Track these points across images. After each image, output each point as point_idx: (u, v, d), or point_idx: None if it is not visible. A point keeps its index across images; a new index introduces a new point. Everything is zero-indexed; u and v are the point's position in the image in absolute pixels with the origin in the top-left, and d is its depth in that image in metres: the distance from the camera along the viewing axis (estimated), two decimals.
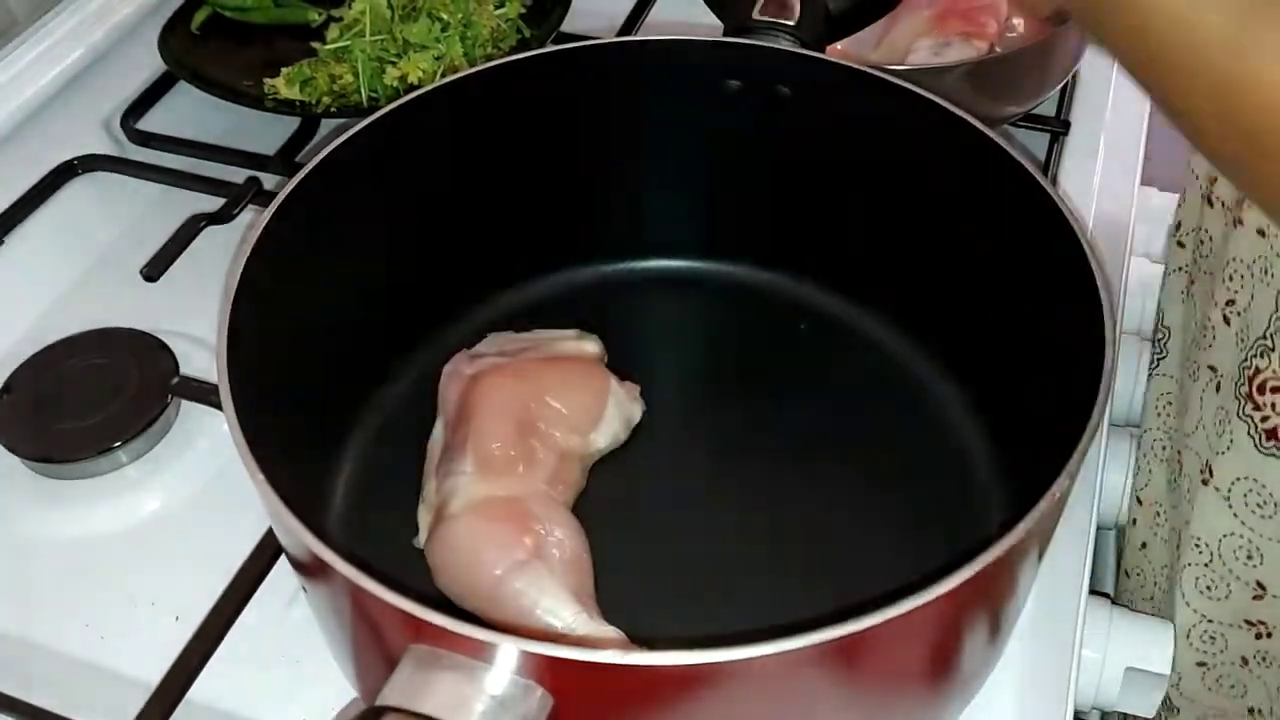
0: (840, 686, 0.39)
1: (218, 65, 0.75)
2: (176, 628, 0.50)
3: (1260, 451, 0.51)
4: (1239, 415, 0.52)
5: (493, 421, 0.50)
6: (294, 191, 0.48)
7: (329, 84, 0.72)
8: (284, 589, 0.51)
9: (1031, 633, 0.51)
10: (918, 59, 0.70)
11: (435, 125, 0.54)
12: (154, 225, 0.68)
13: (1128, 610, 0.57)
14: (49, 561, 0.55)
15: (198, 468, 0.57)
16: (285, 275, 0.48)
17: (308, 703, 0.48)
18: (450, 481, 0.49)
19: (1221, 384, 0.53)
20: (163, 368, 0.59)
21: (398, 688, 0.34)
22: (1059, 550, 0.52)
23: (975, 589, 0.37)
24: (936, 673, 0.43)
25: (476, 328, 0.60)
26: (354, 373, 0.56)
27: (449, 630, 0.34)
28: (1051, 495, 0.38)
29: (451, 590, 0.47)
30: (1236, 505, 0.53)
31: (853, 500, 0.53)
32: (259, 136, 0.73)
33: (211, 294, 0.44)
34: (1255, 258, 0.51)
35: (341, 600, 0.39)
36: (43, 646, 0.51)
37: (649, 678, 0.34)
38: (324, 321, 0.52)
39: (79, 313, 0.64)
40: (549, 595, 0.44)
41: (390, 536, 0.51)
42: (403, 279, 0.57)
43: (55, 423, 0.57)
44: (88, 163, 0.71)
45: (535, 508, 0.48)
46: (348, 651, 0.43)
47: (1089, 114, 0.76)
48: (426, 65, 0.71)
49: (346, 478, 0.54)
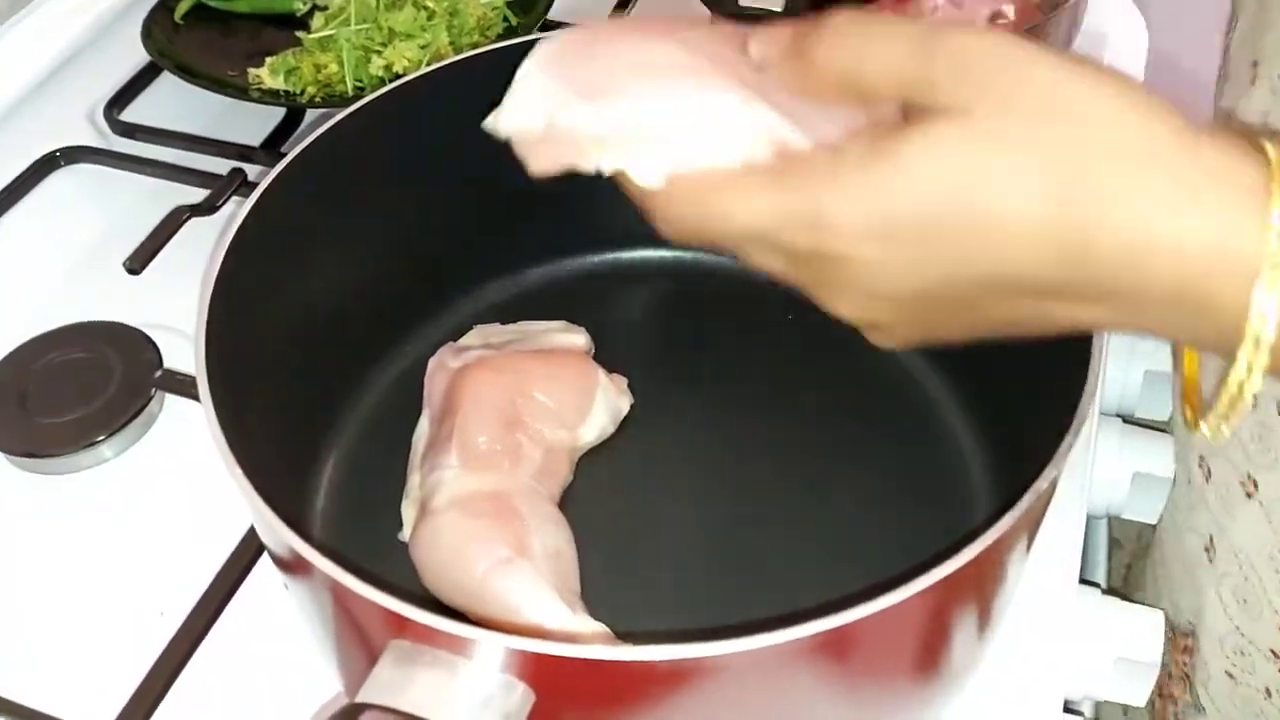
0: (828, 680, 0.38)
1: (202, 55, 0.75)
2: (161, 622, 0.50)
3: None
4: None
5: (478, 415, 0.50)
6: (274, 183, 0.48)
7: (314, 74, 0.71)
8: (268, 583, 0.51)
9: (1022, 622, 0.50)
10: None
11: (421, 114, 0.54)
12: (138, 217, 0.67)
13: (1118, 599, 0.57)
14: (30, 555, 0.54)
15: (182, 462, 0.57)
16: (267, 267, 0.47)
17: (291, 698, 0.48)
18: (435, 476, 0.49)
19: (1259, 399, 0.50)
20: (146, 361, 0.59)
21: (378, 684, 0.33)
22: (1049, 540, 0.52)
23: (964, 580, 0.36)
24: (926, 664, 0.42)
25: (462, 320, 0.59)
26: (338, 366, 0.55)
27: (430, 626, 0.33)
28: (1039, 486, 0.37)
29: (436, 587, 0.47)
30: (1276, 523, 0.51)
31: (841, 492, 0.53)
32: (244, 127, 0.72)
33: (196, 286, 0.44)
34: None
35: (323, 597, 0.38)
36: (24, 641, 0.51)
37: (633, 673, 0.34)
38: (307, 314, 0.52)
39: (62, 306, 0.64)
40: (532, 592, 0.44)
41: (375, 531, 0.51)
42: (388, 270, 0.56)
43: (38, 416, 0.57)
44: (71, 154, 0.71)
45: (520, 503, 0.48)
46: (330, 648, 0.43)
47: None
48: (412, 54, 0.71)
49: (330, 472, 0.54)
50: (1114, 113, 0.30)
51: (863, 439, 0.55)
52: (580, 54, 0.38)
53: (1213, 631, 0.57)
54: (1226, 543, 0.55)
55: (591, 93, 0.36)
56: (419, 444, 0.52)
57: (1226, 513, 0.55)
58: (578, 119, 0.35)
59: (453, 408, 0.51)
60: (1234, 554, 0.54)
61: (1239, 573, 0.54)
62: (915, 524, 0.50)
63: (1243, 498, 0.53)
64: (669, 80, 0.36)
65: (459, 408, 0.50)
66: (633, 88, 0.36)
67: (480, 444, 0.49)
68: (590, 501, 0.52)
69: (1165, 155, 0.30)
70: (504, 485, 0.48)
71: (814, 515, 0.52)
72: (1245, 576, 0.54)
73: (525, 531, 0.47)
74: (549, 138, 0.36)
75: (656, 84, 0.36)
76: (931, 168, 0.31)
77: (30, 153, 0.70)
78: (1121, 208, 0.30)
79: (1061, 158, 0.30)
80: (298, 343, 0.51)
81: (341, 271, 0.53)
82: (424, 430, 0.53)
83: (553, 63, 0.38)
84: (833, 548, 0.50)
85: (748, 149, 0.34)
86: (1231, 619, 0.55)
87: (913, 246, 0.32)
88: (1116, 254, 0.30)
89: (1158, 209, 0.29)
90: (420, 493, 0.49)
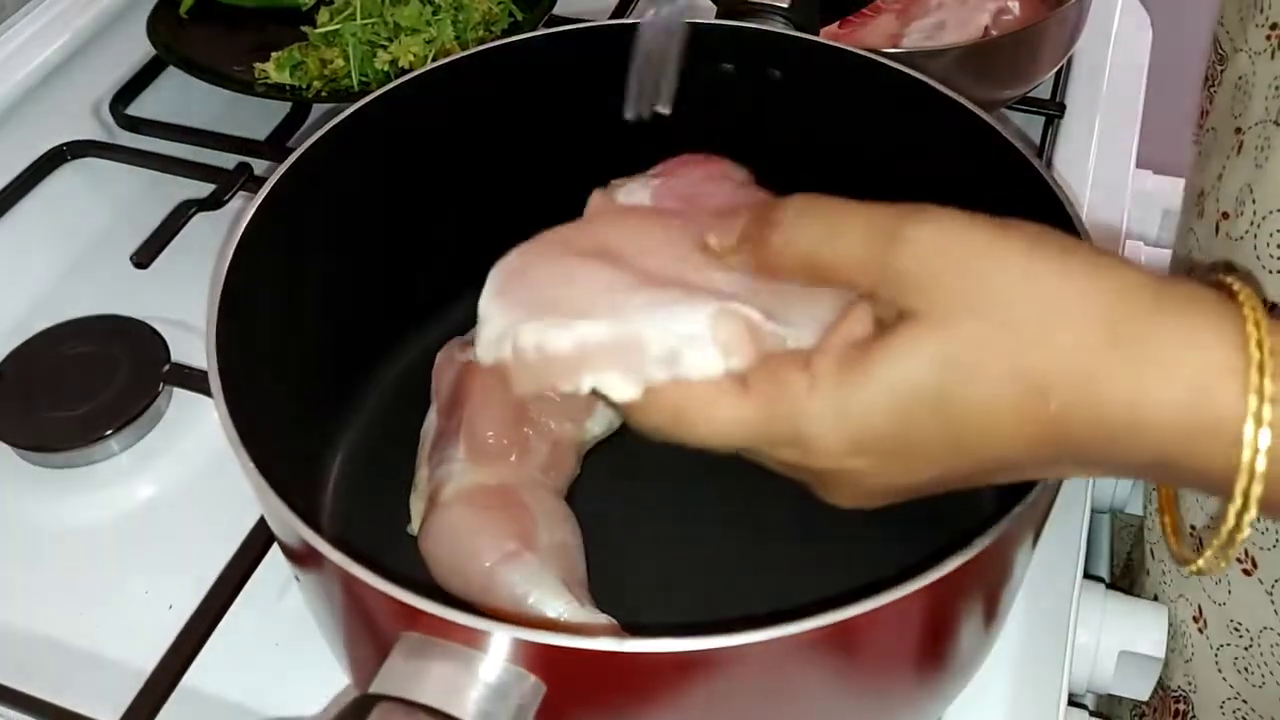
0: (834, 673, 0.39)
1: (207, 50, 0.75)
2: (169, 616, 0.50)
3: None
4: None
5: (485, 409, 0.50)
6: (283, 178, 0.48)
7: (320, 68, 0.71)
8: (277, 576, 0.51)
9: (1026, 617, 0.51)
10: (912, 42, 0.69)
11: (427, 109, 0.54)
12: (144, 212, 0.67)
13: (1122, 594, 0.57)
14: (40, 550, 0.54)
15: (190, 455, 0.57)
16: (276, 262, 0.48)
17: (301, 691, 0.48)
18: (443, 469, 0.49)
19: None
20: (154, 355, 0.59)
21: (390, 676, 0.34)
22: (1054, 535, 0.52)
23: (970, 575, 0.37)
24: (931, 658, 0.43)
25: (470, 313, 0.59)
26: (346, 359, 0.55)
27: (441, 618, 0.34)
28: (1044, 481, 0.38)
29: (444, 580, 0.47)
30: (1278, 603, 0.51)
31: None
32: (250, 122, 0.72)
33: (202, 281, 0.44)
34: None
35: (333, 588, 0.38)
36: (35, 635, 0.51)
37: (641, 665, 0.34)
38: (316, 308, 0.52)
39: (69, 300, 0.64)
40: (540, 586, 0.44)
41: (383, 523, 0.51)
42: (396, 263, 0.56)
43: (46, 411, 0.57)
44: (77, 149, 0.71)
45: (527, 496, 0.48)
46: (340, 639, 0.43)
47: (1084, 97, 0.76)
48: (418, 49, 0.71)
49: (340, 464, 0.54)
50: (1079, 296, 0.30)
51: None
52: (536, 270, 0.38)
53: (1212, 698, 0.57)
54: (1226, 616, 0.54)
55: (558, 313, 0.36)
56: (427, 437, 0.52)
57: (1220, 586, 0.54)
58: (548, 341, 0.35)
59: (461, 401, 0.51)
60: (1234, 628, 0.54)
61: (1240, 644, 0.54)
62: (922, 518, 0.50)
63: (1241, 574, 0.53)
64: (637, 296, 0.36)
65: (467, 401, 0.50)
66: (601, 305, 0.36)
67: (488, 437, 0.49)
68: (598, 494, 0.52)
69: (1134, 334, 0.30)
70: (511, 478, 0.49)
71: (820, 509, 0.52)
72: (1247, 646, 0.54)
73: (532, 524, 0.47)
74: (524, 362, 0.36)
75: (626, 300, 0.36)
76: (907, 382, 0.31)
77: (36, 147, 0.70)
78: (1095, 393, 0.30)
79: (1031, 354, 0.30)
80: (306, 336, 0.51)
81: (350, 265, 0.53)
82: (432, 423, 0.53)
83: (511, 288, 0.38)
84: (841, 542, 0.50)
85: (722, 355, 0.34)
86: (1233, 686, 0.55)
87: (900, 458, 0.33)
88: (1094, 436, 0.30)
89: (1130, 390, 0.29)
90: (428, 486, 0.50)
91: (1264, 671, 0.54)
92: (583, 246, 0.39)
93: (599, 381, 0.35)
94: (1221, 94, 0.53)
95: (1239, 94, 0.50)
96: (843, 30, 0.71)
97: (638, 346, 0.34)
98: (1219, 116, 0.53)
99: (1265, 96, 0.48)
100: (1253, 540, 0.52)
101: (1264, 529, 0.51)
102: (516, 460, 0.49)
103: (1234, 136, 0.50)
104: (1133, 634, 0.55)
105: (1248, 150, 0.49)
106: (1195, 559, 0.33)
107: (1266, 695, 0.54)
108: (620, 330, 0.35)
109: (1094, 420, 0.30)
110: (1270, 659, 0.53)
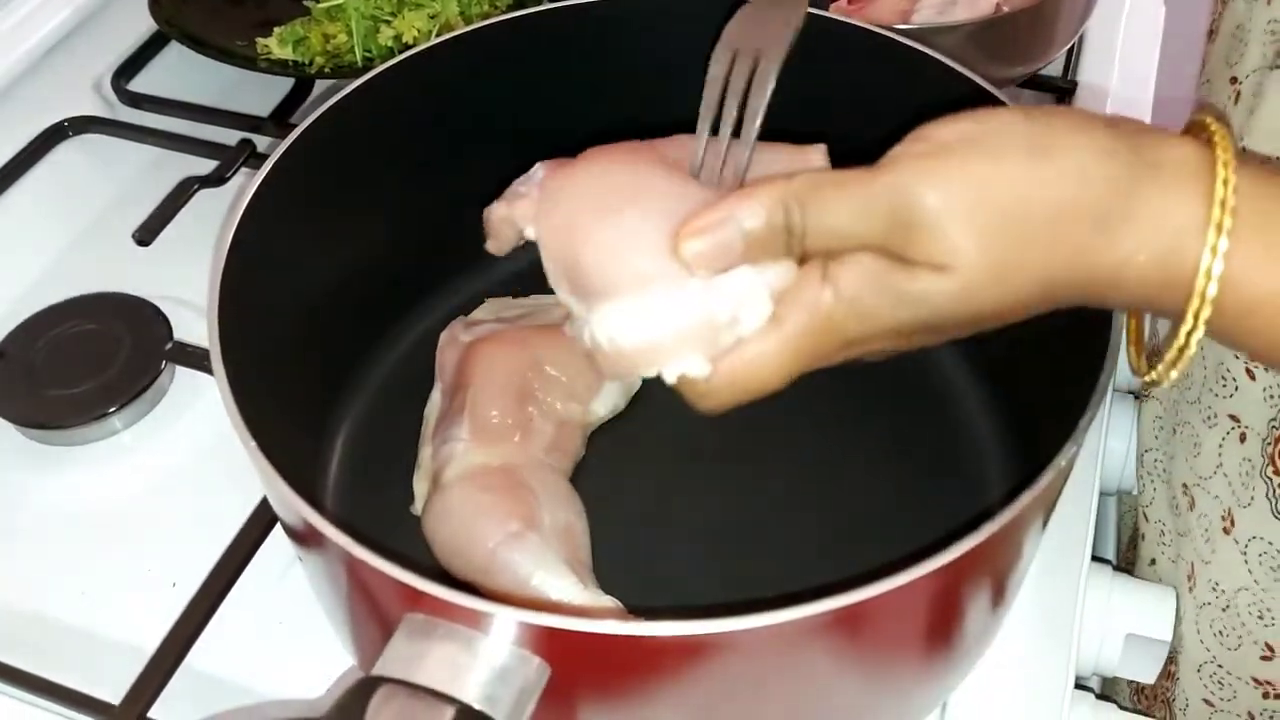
0: (842, 656, 0.38)
1: (210, 25, 0.74)
2: (172, 595, 0.50)
3: (1276, 517, 0.50)
4: (1262, 475, 0.50)
5: (490, 389, 0.50)
6: (285, 155, 0.47)
7: (323, 44, 0.71)
8: (280, 555, 0.51)
9: (1034, 599, 0.50)
10: (923, 17, 0.68)
11: (430, 85, 0.53)
12: (146, 188, 0.67)
13: (1129, 577, 0.57)
14: (43, 528, 0.54)
15: (192, 434, 0.57)
16: (278, 239, 0.47)
17: (304, 670, 0.48)
18: (446, 449, 0.48)
19: (1247, 435, 0.51)
20: (156, 333, 0.59)
21: (394, 658, 0.33)
22: (1062, 517, 0.52)
23: (979, 558, 0.36)
24: (940, 641, 0.42)
25: (474, 293, 0.59)
26: (350, 338, 0.55)
27: (445, 600, 0.33)
28: (1057, 464, 0.37)
29: (447, 561, 0.47)
30: (1252, 563, 0.52)
31: (856, 469, 0.53)
32: (252, 98, 0.72)
33: (205, 258, 0.44)
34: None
35: (337, 569, 0.38)
36: (38, 614, 0.51)
37: (646, 648, 0.34)
38: (318, 286, 0.51)
39: (71, 278, 0.63)
40: (543, 567, 0.44)
41: (387, 503, 0.51)
42: (399, 242, 0.56)
43: (48, 388, 0.57)
44: (78, 125, 0.70)
45: (530, 477, 0.47)
46: (344, 620, 0.43)
47: (1096, 75, 0.75)
48: (421, 24, 0.70)
49: (343, 444, 0.54)
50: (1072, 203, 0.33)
51: (878, 416, 0.54)
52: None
53: (1191, 660, 0.57)
54: (1207, 575, 0.55)
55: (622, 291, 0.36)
56: (431, 417, 0.52)
57: (1208, 545, 0.55)
58: (621, 334, 0.36)
59: (464, 381, 0.50)
60: (1213, 587, 0.54)
61: (1218, 604, 0.54)
62: (932, 502, 0.50)
63: (1221, 533, 0.53)
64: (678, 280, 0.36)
65: (471, 381, 0.50)
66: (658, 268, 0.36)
67: (492, 418, 0.49)
68: (602, 476, 0.52)
69: (1120, 214, 0.33)
70: (515, 459, 0.48)
71: (829, 492, 0.52)
72: (1224, 608, 0.54)
73: (536, 505, 0.47)
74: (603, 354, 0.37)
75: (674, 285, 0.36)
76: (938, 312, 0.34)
77: (38, 123, 0.70)
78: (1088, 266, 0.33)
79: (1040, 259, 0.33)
80: (309, 315, 0.51)
81: (353, 244, 0.53)
82: (436, 403, 0.53)
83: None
84: (848, 524, 0.50)
85: (771, 299, 0.35)
86: (1210, 650, 0.56)
87: None
88: (1084, 295, 0.34)
89: (1113, 265, 0.33)
90: (432, 466, 0.49)
91: (1239, 634, 0.54)
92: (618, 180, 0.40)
93: (682, 368, 0.36)
94: (1218, 44, 0.53)
95: (1235, 42, 0.50)
96: (853, 5, 0.70)
97: (709, 321, 0.35)
98: (1214, 66, 0.53)
99: (1262, 43, 0.48)
100: (1234, 496, 0.53)
101: (1245, 485, 0.51)
102: (520, 441, 0.49)
103: (1229, 87, 0.50)
104: (1140, 617, 0.55)
105: (1245, 99, 0.49)
106: (1149, 373, 0.36)
107: (1241, 658, 0.54)
108: (691, 311, 0.35)
109: (1084, 282, 0.34)
110: (1248, 618, 0.53)
